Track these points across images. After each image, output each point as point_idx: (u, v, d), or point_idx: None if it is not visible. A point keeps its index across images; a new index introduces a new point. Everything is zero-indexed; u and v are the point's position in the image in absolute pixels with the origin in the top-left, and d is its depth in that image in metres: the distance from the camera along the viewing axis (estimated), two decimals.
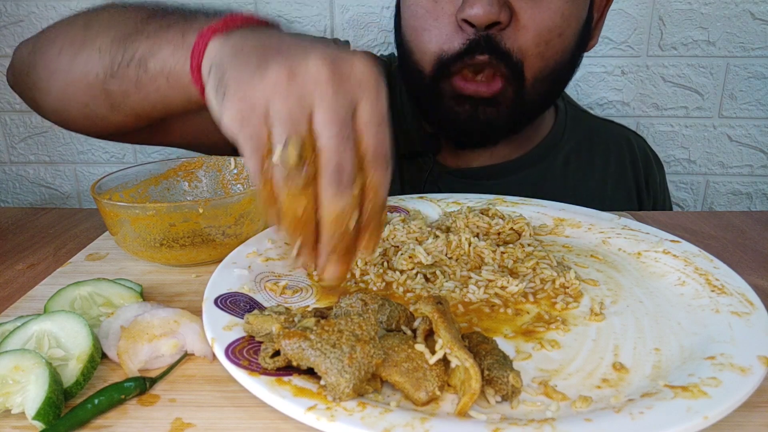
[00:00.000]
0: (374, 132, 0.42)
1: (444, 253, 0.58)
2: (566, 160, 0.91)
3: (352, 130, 0.41)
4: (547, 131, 0.91)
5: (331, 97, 0.40)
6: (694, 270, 0.54)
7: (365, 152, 0.42)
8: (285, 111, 0.41)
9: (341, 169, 0.41)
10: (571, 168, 0.91)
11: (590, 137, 0.94)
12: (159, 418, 0.38)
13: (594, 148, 0.94)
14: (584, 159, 0.92)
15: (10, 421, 0.38)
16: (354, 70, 0.42)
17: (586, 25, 0.78)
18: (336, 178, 0.41)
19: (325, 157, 0.41)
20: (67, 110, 0.68)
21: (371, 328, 0.39)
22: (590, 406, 0.37)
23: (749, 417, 0.38)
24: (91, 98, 0.64)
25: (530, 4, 0.71)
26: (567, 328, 0.47)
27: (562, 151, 0.91)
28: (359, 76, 0.42)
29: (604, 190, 0.92)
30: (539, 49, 0.73)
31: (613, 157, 0.94)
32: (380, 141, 0.42)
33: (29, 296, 0.55)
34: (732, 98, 1.26)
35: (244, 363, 0.39)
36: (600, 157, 0.93)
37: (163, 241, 0.57)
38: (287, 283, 0.54)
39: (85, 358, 0.41)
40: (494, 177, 0.88)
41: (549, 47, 0.73)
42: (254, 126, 0.42)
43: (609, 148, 0.95)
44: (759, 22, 1.19)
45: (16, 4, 1.18)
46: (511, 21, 0.71)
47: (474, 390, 0.35)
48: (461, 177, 0.88)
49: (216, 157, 0.74)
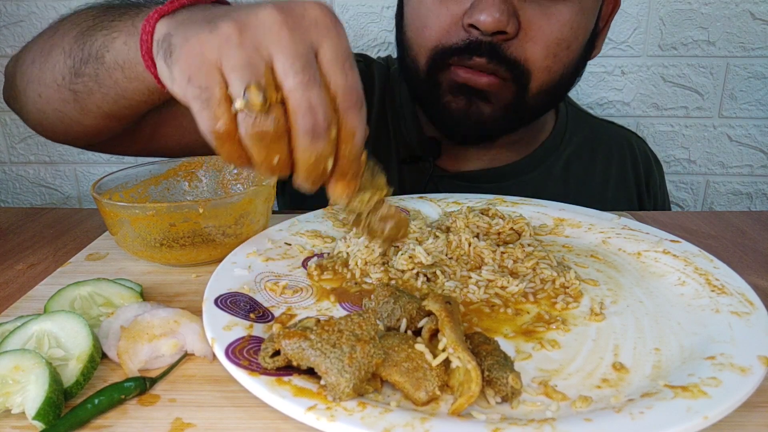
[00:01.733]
0: (341, 71, 0.40)
1: (444, 253, 0.58)
2: (567, 163, 0.91)
3: (318, 73, 0.39)
4: (548, 134, 0.91)
5: (288, 40, 0.39)
6: (694, 270, 0.54)
7: (335, 94, 0.40)
8: (241, 60, 0.39)
9: (314, 112, 0.39)
10: (573, 171, 0.91)
11: (591, 139, 0.94)
12: (159, 418, 0.38)
13: (595, 150, 0.93)
14: (585, 161, 0.92)
15: (10, 421, 0.38)
16: (307, 13, 0.40)
17: (592, 35, 0.78)
18: (309, 122, 0.39)
19: (294, 102, 0.39)
20: (46, 118, 0.68)
21: (371, 327, 0.39)
22: (590, 406, 0.37)
23: (749, 417, 0.38)
24: (62, 102, 0.63)
25: (540, 17, 0.70)
26: (567, 328, 0.47)
27: (564, 154, 0.91)
28: (314, 19, 0.40)
29: (605, 193, 0.92)
30: (547, 62, 0.72)
31: (614, 159, 0.94)
32: (350, 80, 0.40)
33: (29, 296, 0.55)
34: (732, 98, 1.26)
35: (244, 363, 0.39)
36: (601, 159, 0.93)
37: (163, 241, 0.57)
38: (287, 283, 0.54)
39: (85, 358, 0.41)
40: (495, 180, 0.87)
41: (557, 60, 0.73)
42: (204, 78, 0.39)
43: (611, 150, 0.94)
44: (759, 22, 1.19)
45: (16, 4, 1.18)
46: (518, 33, 0.70)
47: (473, 392, 0.35)
48: (462, 180, 0.88)
49: (216, 156, 0.74)
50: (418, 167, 0.87)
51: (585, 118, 0.98)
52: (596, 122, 1.00)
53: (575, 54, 0.75)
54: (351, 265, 0.57)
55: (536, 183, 0.89)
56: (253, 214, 0.61)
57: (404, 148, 0.88)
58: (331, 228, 0.67)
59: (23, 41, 1.20)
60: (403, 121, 0.89)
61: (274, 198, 0.66)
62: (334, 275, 0.56)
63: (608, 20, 0.83)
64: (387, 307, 0.44)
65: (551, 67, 0.73)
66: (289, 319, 0.48)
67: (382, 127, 0.89)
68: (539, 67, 0.72)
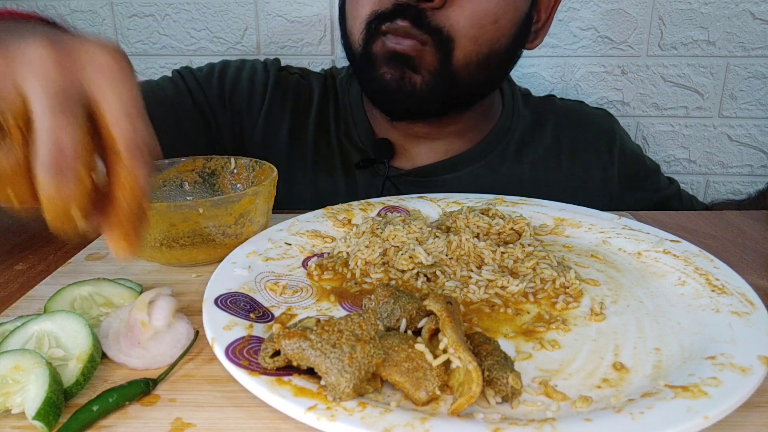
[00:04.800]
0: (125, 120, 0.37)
1: (444, 253, 0.58)
2: (520, 143, 0.92)
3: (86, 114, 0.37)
4: (497, 119, 0.93)
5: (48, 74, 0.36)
6: (695, 270, 0.54)
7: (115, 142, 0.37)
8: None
9: (60, 149, 0.35)
10: (526, 150, 0.92)
11: (542, 115, 0.95)
12: (159, 418, 0.38)
13: (544, 126, 0.95)
14: (537, 138, 0.93)
15: (10, 421, 0.38)
16: (91, 56, 0.37)
17: (526, 19, 0.80)
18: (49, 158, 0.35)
19: (38, 135, 0.35)
20: None
21: (371, 327, 0.39)
22: (590, 406, 0.37)
23: (749, 417, 0.38)
24: None
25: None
26: (567, 328, 0.47)
27: (515, 135, 0.92)
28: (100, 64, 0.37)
29: (560, 166, 0.93)
30: (473, 31, 0.74)
31: (565, 132, 0.95)
32: (134, 130, 0.38)
33: (29, 296, 0.55)
34: (732, 98, 1.26)
35: (244, 363, 0.39)
36: (551, 133, 0.94)
37: (163, 241, 0.57)
38: (287, 283, 0.54)
39: (85, 358, 0.41)
40: (450, 170, 0.89)
41: (484, 32, 0.75)
42: None
43: (558, 123, 0.96)
44: (759, 22, 1.19)
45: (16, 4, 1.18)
46: (445, 3, 0.72)
47: (473, 393, 0.35)
48: (418, 176, 0.89)
49: (216, 156, 0.74)
50: (374, 170, 0.89)
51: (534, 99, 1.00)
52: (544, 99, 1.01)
53: (505, 31, 0.77)
54: (351, 265, 0.57)
55: (491, 167, 0.90)
56: (253, 214, 0.61)
57: (357, 153, 0.90)
58: (331, 228, 0.67)
59: None
60: (354, 127, 0.91)
61: (274, 198, 0.66)
62: (334, 275, 0.56)
63: (551, 12, 0.85)
64: (387, 307, 0.44)
65: (477, 38, 0.75)
66: (289, 319, 0.48)
67: (322, 137, 0.91)
68: (464, 35, 0.74)
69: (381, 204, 0.72)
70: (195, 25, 1.17)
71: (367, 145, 0.90)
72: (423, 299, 0.43)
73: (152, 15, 1.16)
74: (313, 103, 0.93)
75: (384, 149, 0.88)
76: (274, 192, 0.65)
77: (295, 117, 0.91)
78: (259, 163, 0.71)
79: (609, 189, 0.95)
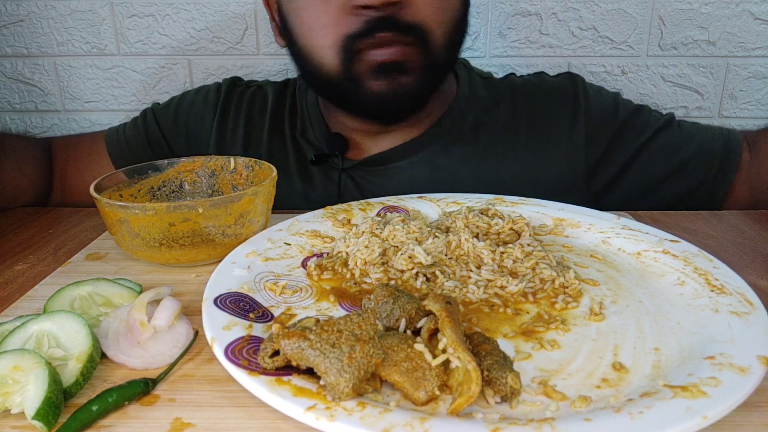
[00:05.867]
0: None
1: (443, 253, 0.58)
2: (476, 123, 0.91)
3: None
4: (452, 100, 0.92)
5: None
6: (694, 270, 0.54)
7: None
8: None
9: None
10: (482, 129, 0.91)
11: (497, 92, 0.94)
12: (159, 418, 0.38)
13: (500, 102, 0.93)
14: (493, 115, 0.92)
15: (9, 421, 0.38)
16: None
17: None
18: None
19: None
20: None
21: (371, 327, 0.39)
22: (590, 405, 0.37)
23: (749, 417, 0.38)
24: None
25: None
26: (567, 328, 0.47)
27: (470, 115, 0.91)
28: None
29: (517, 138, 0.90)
30: (437, 16, 0.76)
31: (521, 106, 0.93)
32: None
33: (29, 296, 0.55)
34: (732, 98, 1.26)
35: (243, 363, 0.39)
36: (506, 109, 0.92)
37: (163, 241, 0.57)
38: (287, 283, 0.54)
39: (85, 357, 0.41)
40: (405, 156, 0.89)
41: (444, 13, 0.77)
42: None
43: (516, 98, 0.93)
44: (759, 22, 1.19)
45: (16, 4, 1.18)
46: None
47: (472, 393, 0.35)
48: (373, 165, 0.89)
49: (216, 156, 0.74)
50: (330, 165, 0.90)
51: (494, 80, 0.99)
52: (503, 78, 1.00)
53: (456, 3, 0.80)
54: (351, 265, 0.57)
55: (445, 149, 0.89)
56: (252, 214, 0.61)
57: (313, 150, 0.91)
58: (330, 228, 0.67)
59: (23, 41, 1.20)
60: (311, 126, 0.92)
61: (273, 198, 0.66)
62: (334, 275, 0.56)
63: None
64: (386, 307, 0.44)
65: (441, 21, 0.77)
66: (289, 319, 0.48)
67: (276, 140, 0.93)
68: (433, 22, 0.76)
69: (380, 204, 0.72)
70: (195, 25, 1.17)
71: (323, 142, 0.91)
72: (422, 299, 0.43)
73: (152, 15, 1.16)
74: (267, 110, 0.96)
75: (337, 143, 0.89)
76: (273, 192, 0.65)
77: (250, 126, 0.95)
78: (258, 163, 0.71)
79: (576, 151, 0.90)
